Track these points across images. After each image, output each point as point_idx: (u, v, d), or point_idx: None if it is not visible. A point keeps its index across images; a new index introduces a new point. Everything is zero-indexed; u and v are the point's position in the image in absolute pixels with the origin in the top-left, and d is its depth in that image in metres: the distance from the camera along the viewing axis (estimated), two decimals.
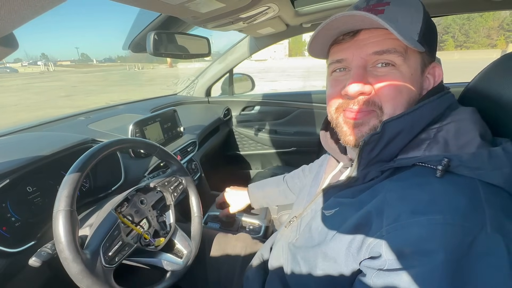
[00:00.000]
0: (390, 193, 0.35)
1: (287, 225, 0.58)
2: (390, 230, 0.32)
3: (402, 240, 0.31)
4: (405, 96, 0.40)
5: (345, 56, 0.43)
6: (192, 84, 1.84)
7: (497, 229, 0.28)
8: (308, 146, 1.70)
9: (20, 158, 0.61)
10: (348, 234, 0.37)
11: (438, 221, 0.29)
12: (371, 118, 0.41)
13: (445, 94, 0.41)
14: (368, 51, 0.40)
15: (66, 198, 0.46)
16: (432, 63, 0.44)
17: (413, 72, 0.41)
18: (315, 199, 0.51)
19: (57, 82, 22.72)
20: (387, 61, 0.40)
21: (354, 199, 0.41)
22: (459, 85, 1.41)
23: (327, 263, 0.39)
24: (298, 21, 1.28)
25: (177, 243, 0.70)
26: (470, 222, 0.29)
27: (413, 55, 0.41)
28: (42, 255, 0.50)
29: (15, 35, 0.27)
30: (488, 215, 0.29)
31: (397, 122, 0.37)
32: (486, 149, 0.33)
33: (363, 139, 0.38)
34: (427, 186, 0.33)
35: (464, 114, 0.39)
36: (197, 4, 0.64)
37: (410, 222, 0.31)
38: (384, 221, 0.33)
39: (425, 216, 0.30)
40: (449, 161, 0.33)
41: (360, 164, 0.40)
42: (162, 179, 0.73)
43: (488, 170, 0.32)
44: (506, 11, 4.83)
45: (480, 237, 0.28)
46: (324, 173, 0.59)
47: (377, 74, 0.40)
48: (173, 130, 1.14)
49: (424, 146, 0.37)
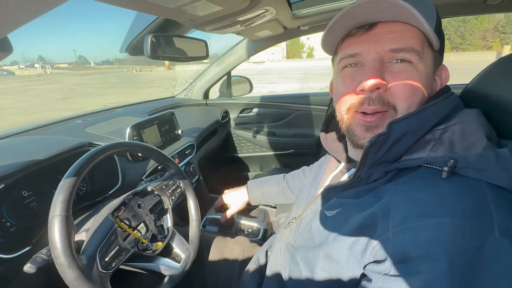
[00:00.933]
0: (396, 195, 0.34)
1: (286, 226, 0.58)
2: (396, 233, 0.31)
3: (409, 243, 0.30)
4: (419, 95, 0.40)
5: (360, 50, 0.41)
6: (190, 86, 1.83)
7: (505, 233, 0.28)
8: (306, 148, 1.70)
9: (16, 162, 0.60)
10: (351, 235, 0.36)
11: (447, 225, 0.29)
12: (385, 120, 0.40)
13: (450, 95, 0.41)
14: (385, 47, 0.39)
15: (62, 203, 0.45)
16: (441, 64, 0.43)
17: (428, 71, 0.40)
18: (315, 200, 0.51)
19: (54, 85, 22.63)
20: (403, 58, 0.38)
21: (357, 199, 0.40)
22: (457, 86, 1.42)
23: (328, 264, 0.39)
24: (295, 24, 1.29)
25: (175, 247, 0.69)
26: (478, 225, 0.28)
27: (428, 54, 0.40)
28: (37, 261, 0.49)
29: (9, 39, 0.27)
30: (496, 218, 0.29)
31: (403, 123, 0.36)
32: (493, 150, 0.33)
33: (370, 140, 0.37)
34: (434, 188, 0.32)
35: (469, 116, 0.38)
36: (194, 7, 0.64)
37: (417, 225, 0.30)
38: (391, 223, 0.32)
39: (433, 219, 0.30)
40: (455, 162, 0.32)
41: (365, 164, 0.39)
42: (159, 183, 0.72)
43: (495, 172, 0.31)
44: (501, 14, 4.87)
45: (488, 241, 0.27)
46: (324, 173, 0.59)
47: (393, 71, 0.39)
48: (171, 133, 1.14)
49: (429, 147, 0.36)
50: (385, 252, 0.31)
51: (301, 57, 68.44)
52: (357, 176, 0.40)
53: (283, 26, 1.25)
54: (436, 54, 0.42)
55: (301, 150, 1.73)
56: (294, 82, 15.04)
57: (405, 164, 0.37)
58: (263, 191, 0.88)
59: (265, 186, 0.88)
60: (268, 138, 1.76)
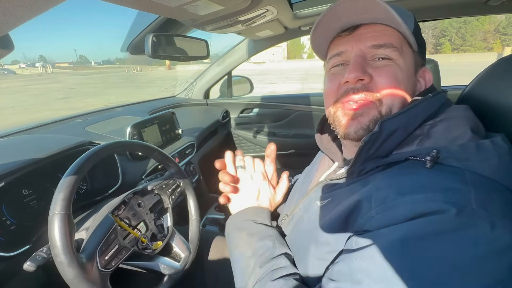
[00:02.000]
0: (380, 181, 0.36)
1: (280, 223, 0.58)
2: (379, 211, 0.33)
3: (389, 221, 0.31)
4: (402, 87, 0.42)
5: (344, 49, 0.45)
6: (191, 86, 1.84)
7: (482, 206, 0.28)
8: (306, 149, 1.70)
9: (17, 160, 0.60)
10: (338, 217, 0.38)
11: (420, 199, 0.30)
12: (371, 108, 0.42)
13: (437, 93, 0.42)
14: (366, 43, 0.42)
15: (62, 202, 0.45)
16: (423, 66, 0.46)
17: (409, 68, 0.43)
18: (308, 195, 0.51)
19: (55, 84, 22.65)
20: (384, 55, 0.42)
21: (347, 187, 0.42)
22: (457, 88, 1.42)
23: (319, 248, 0.40)
24: (296, 24, 1.29)
25: (174, 247, 0.69)
26: (454, 198, 0.29)
27: (407, 53, 0.43)
28: (37, 259, 0.49)
29: (10, 37, 0.27)
30: (474, 194, 0.29)
31: (393, 120, 0.38)
32: (475, 141, 0.34)
33: (363, 140, 0.38)
34: (415, 174, 0.34)
35: (457, 111, 0.40)
36: (195, 6, 0.64)
37: (395, 203, 0.32)
38: (373, 204, 0.34)
39: (409, 196, 0.31)
40: (437, 152, 0.34)
41: (358, 161, 0.41)
42: (160, 182, 0.72)
43: (476, 161, 0.32)
44: (502, 15, 4.87)
45: (465, 210, 0.28)
46: (316, 172, 0.59)
47: (376, 65, 0.42)
48: (171, 132, 1.14)
49: (417, 141, 0.38)
50: (369, 228, 0.33)
51: (302, 57, 68.51)
52: (350, 171, 0.42)
53: (284, 26, 1.25)
54: (416, 56, 0.45)
55: (301, 150, 1.73)
56: (294, 82, 15.05)
57: (394, 158, 0.38)
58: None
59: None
60: (269, 138, 1.76)
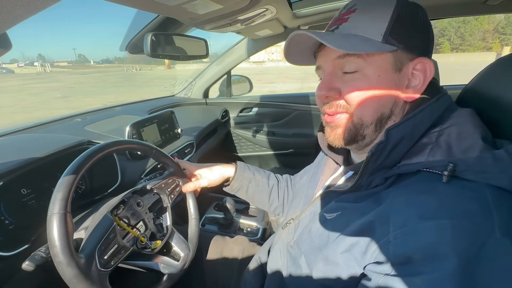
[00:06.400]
0: (396, 199, 0.35)
1: (284, 226, 0.58)
2: (397, 236, 0.31)
3: (410, 246, 0.30)
4: (373, 98, 0.41)
5: (320, 63, 0.46)
6: (190, 85, 1.83)
7: (506, 233, 0.28)
8: (306, 148, 1.70)
9: (15, 159, 0.60)
10: (351, 238, 0.37)
11: (447, 226, 0.29)
12: (342, 119, 0.43)
13: (442, 96, 0.41)
14: (332, 56, 0.43)
15: (60, 201, 0.45)
16: (416, 59, 0.41)
17: (381, 73, 0.40)
18: (314, 202, 0.51)
19: (54, 83, 22.57)
20: (350, 67, 0.41)
21: (358, 204, 0.40)
22: (456, 87, 1.42)
23: (328, 267, 0.39)
24: (296, 23, 1.28)
25: (174, 246, 0.69)
26: (478, 226, 0.29)
27: (378, 56, 0.40)
28: (36, 259, 0.49)
29: (8, 36, 0.27)
30: (497, 218, 0.29)
31: (399, 128, 0.37)
32: (490, 152, 0.33)
33: (370, 151, 0.37)
34: (434, 191, 0.33)
35: (463, 117, 0.39)
36: (194, 5, 0.64)
37: (418, 227, 0.30)
38: (391, 227, 0.32)
39: (433, 220, 0.30)
40: (454, 166, 0.32)
41: (366, 172, 0.39)
42: (159, 181, 0.72)
43: (494, 173, 0.31)
44: (501, 15, 4.87)
45: (489, 241, 0.28)
46: (322, 174, 0.59)
47: (344, 80, 0.42)
48: (170, 131, 1.13)
49: (427, 151, 0.37)
50: (386, 254, 0.31)
51: None
52: (357, 184, 0.41)
53: (283, 25, 1.25)
54: (399, 52, 0.40)
55: (300, 149, 1.73)
56: (294, 81, 15.03)
57: (404, 170, 0.37)
58: (253, 177, 0.76)
59: (257, 174, 0.77)
60: (268, 137, 1.76)
